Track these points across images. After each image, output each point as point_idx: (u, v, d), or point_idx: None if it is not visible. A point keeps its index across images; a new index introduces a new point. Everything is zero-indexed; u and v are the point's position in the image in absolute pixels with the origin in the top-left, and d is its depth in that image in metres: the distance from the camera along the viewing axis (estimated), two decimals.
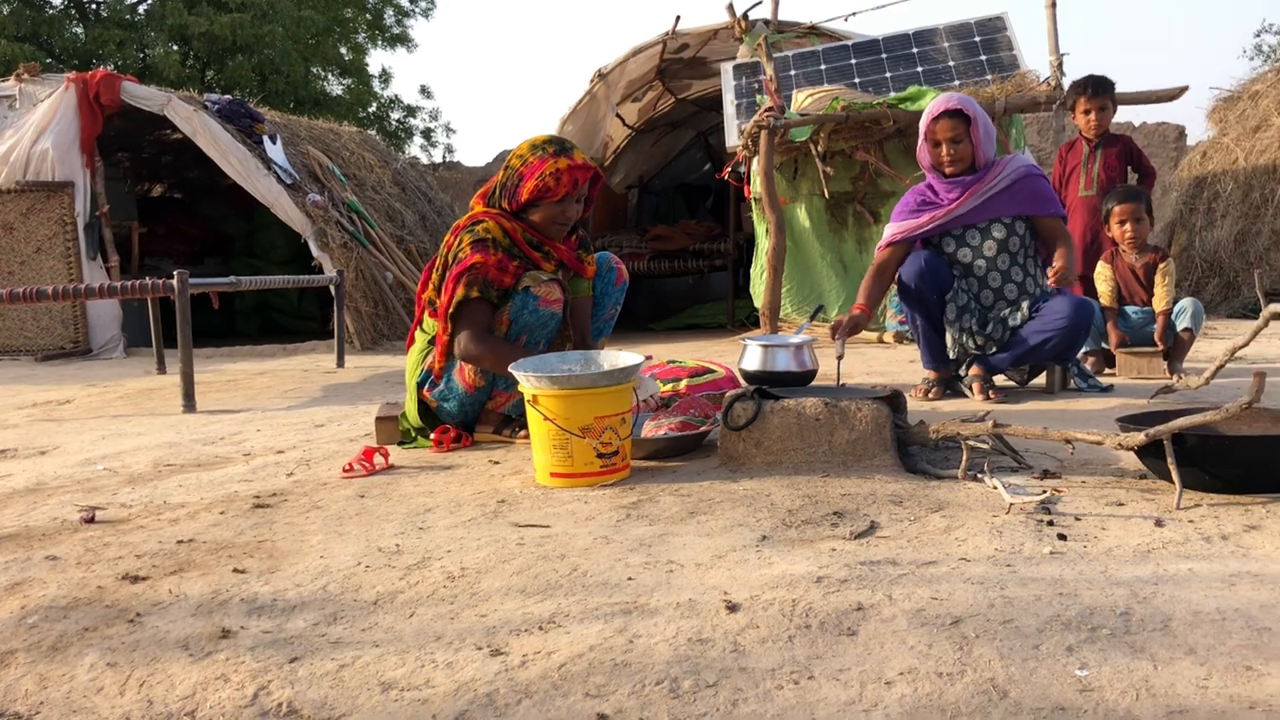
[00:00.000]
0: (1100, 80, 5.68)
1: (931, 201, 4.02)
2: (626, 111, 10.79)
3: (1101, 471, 2.57)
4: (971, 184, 3.93)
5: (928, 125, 3.97)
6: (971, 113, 3.90)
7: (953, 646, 1.43)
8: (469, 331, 3.12)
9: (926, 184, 4.08)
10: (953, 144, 3.90)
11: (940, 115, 3.92)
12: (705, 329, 9.84)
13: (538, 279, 3.16)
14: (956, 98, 3.95)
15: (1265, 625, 1.45)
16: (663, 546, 1.99)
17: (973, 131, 3.90)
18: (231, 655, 1.52)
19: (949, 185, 3.97)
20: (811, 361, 3.20)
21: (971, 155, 3.93)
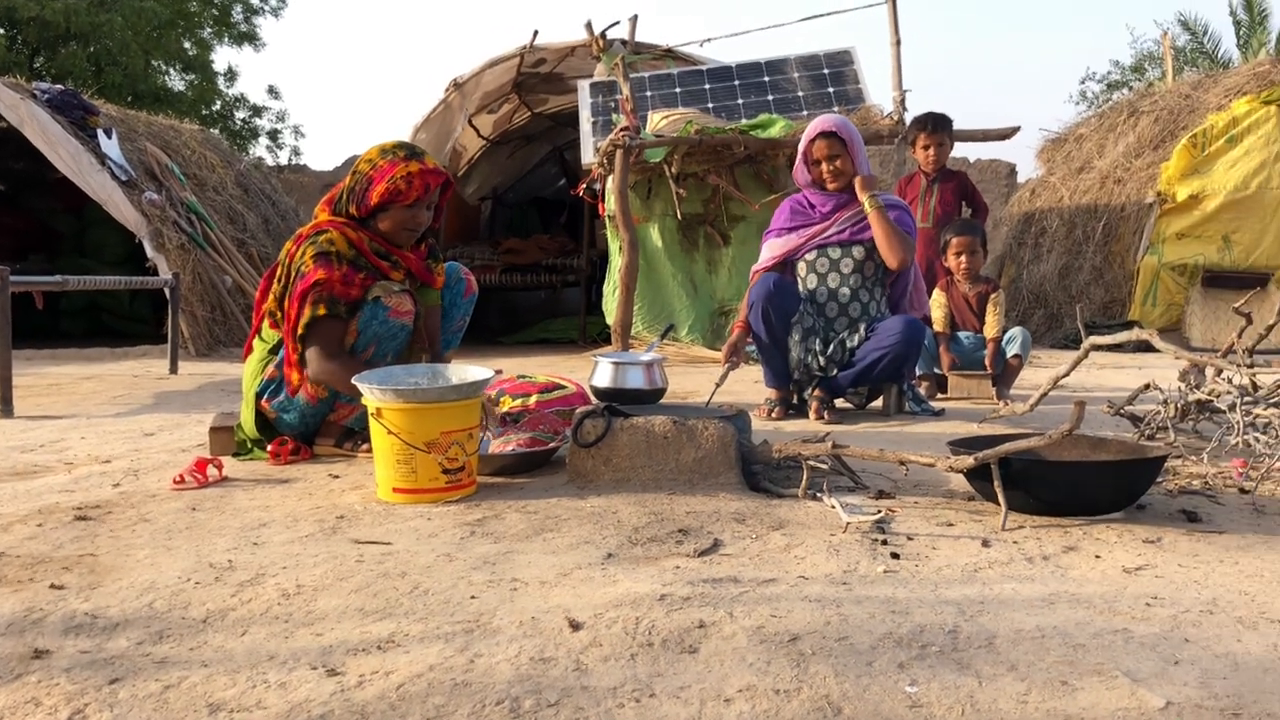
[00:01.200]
0: (939, 117, 5.93)
1: (805, 213, 4.24)
2: (481, 123, 10.72)
3: (933, 493, 2.67)
4: (848, 203, 4.15)
5: (806, 145, 4.18)
6: (847, 135, 4.11)
7: (790, 664, 1.46)
8: (320, 350, 3.03)
9: (804, 195, 4.28)
10: (831, 161, 4.11)
11: (818, 135, 4.13)
12: (557, 344, 9.84)
13: (388, 289, 3.10)
14: (834, 119, 4.17)
15: (1080, 642, 1.53)
16: (507, 564, 1.97)
17: (851, 149, 4.11)
18: (45, 677, 1.43)
19: (825, 198, 4.18)
20: (661, 380, 3.23)
21: (851, 173, 4.14)
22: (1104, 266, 9.16)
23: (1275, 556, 2.03)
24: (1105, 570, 1.94)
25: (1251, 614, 1.67)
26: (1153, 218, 8.58)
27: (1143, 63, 21.42)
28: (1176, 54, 17.32)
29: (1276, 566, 1.96)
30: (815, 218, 4.20)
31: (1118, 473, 2.44)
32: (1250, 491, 2.63)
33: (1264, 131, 8.49)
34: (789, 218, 4.27)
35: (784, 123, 7.13)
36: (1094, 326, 8.10)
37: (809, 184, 4.24)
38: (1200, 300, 8.37)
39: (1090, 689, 1.37)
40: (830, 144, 4.10)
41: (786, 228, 4.25)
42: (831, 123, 4.14)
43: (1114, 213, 9.19)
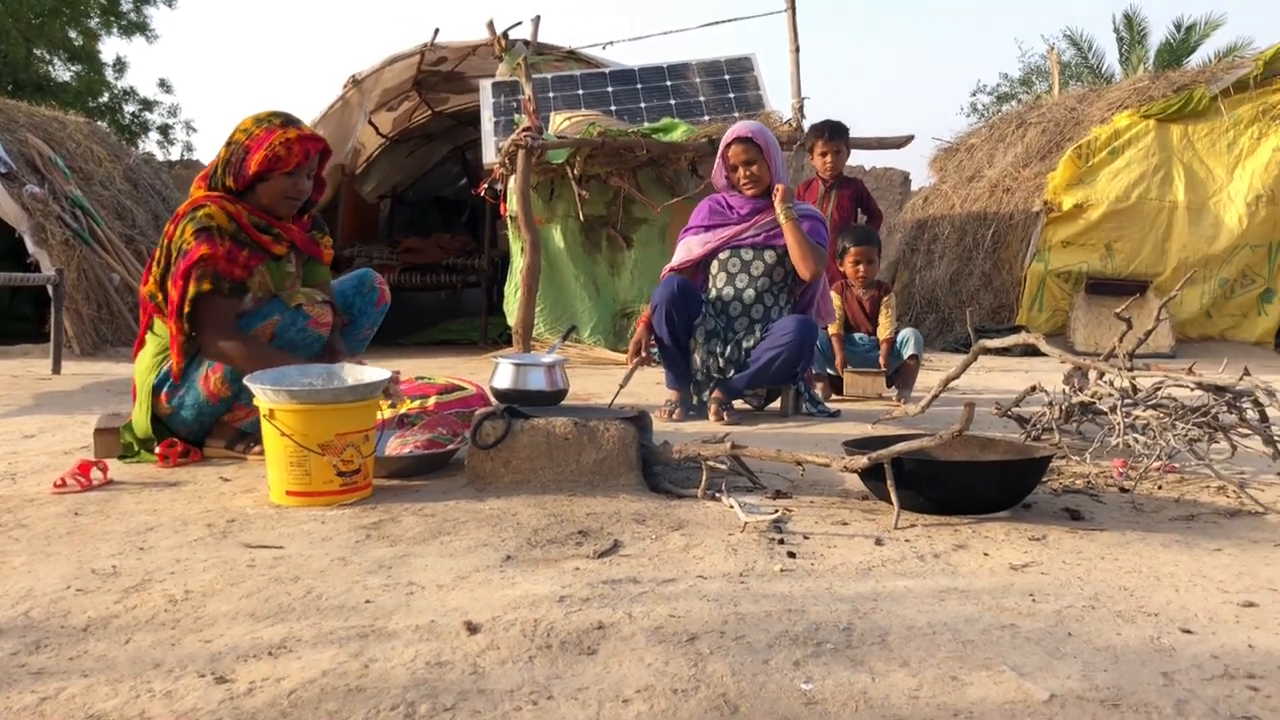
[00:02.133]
0: (836, 125, 6.04)
1: (723, 213, 4.31)
2: (381, 120, 10.57)
3: (828, 492, 2.71)
4: (765, 208, 4.23)
5: (723, 149, 4.27)
6: (763, 142, 4.19)
7: (688, 663, 1.47)
8: (214, 328, 2.95)
9: (724, 196, 4.35)
10: (747, 166, 4.19)
11: (734, 140, 4.22)
12: (457, 345, 9.74)
13: (312, 298, 3.04)
14: (752, 126, 4.27)
15: (969, 638, 1.58)
16: (403, 568, 1.95)
17: (767, 155, 4.19)
18: None
19: (743, 201, 4.27)
20: (563, 381, 3.23)
21: (768, 179, 4.22)
22: (993, 272, 9.43)
23: (1152, 553, 2.11)
24: (993, 567, 2.00)
25: (1130, 608, 1.73)
26: (1039, 226, 8.86)
27: (1031, 76, 22.16)
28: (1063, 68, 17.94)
29: (1153, 562, 2.04)
30: (733, 219, 4.28)
31: (1005, 472, 2.51)
32: (1130, 490, 2.73)
33: (1144, 144, 8.84)
34: (707, 216, 4.34)
35: (686, 127, 7.18)
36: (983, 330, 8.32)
37: (726, 187, 4.32)
38: (1084, 306, 8.67)
39: (979, 683, 1.41)
40: (746, 150, 4.18)
41: (704, 225, 4.32)
42: (749, 129, 4.23)
43: (1003, 220, 9.47)
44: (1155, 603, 1.77)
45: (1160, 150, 8.81)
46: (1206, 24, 18.21)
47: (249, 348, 2.93)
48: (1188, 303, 8.63)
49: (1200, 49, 18.15)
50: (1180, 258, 8.61)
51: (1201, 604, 1.76)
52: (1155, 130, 8.87)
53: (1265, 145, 8.69)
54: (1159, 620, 1.67)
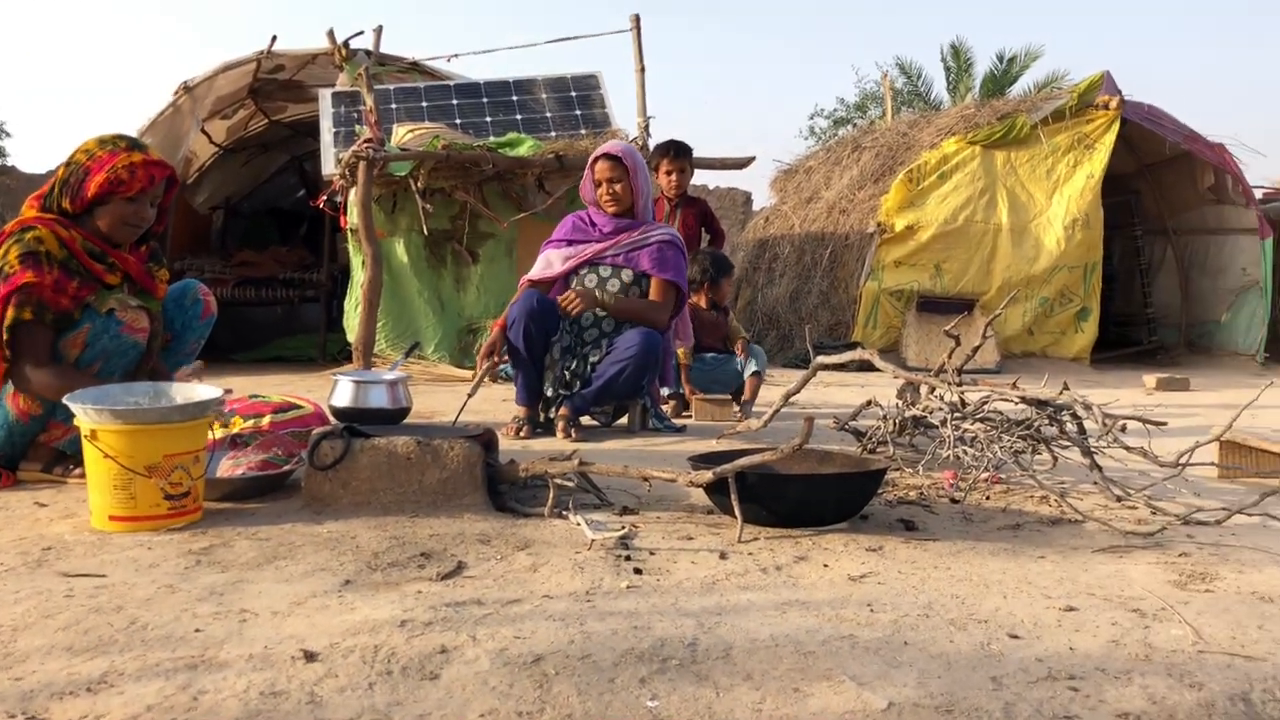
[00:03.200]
0: (680, 145, 6.11)
1: (585, 230, 4.32)
2: (214, 129, 10.19)
3: (675, 507, 2.74)
4: (628, 228, 4.24)
5: (591, 163, 4.28)
6: (631, 164, 4.21)
7: (533, 685, 1.45)
8: (30, 359, 2.78)
9: (588, 212, 4.36)
10: (611, 184, 4.20)
11: (602, 156, 4.24)
12: (294, 362, 9.43)
13: (125, 303, 2.88)
14: (621, 145, 4.30)
15: (810, 649, 1.61)
16: (236, 594, 1.87)
17: (632, 179, 4.21)
18: None
19: (607, 219, 4.27)
20: (405, 399, 3.17)
21: (630, 201, 4.24)
22: (830, 291, 9.71)
23: (982, 561, 2.20)
24: (833, 578, 2.04)
25: (962, 616, 1.80)
26: (874, 246, 9.18)
27: (866, 101, 22.96)
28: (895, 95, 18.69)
29: (983, 570, 2.12)
30: (594, 236, 4.28)
31: (843, 485, 2.58)
32: (960, 501, 2.84)
33: (970, 169, 9.27)
34: (570, 231, 4.34)
35: (532, 142, 7.16)
36: (821, 347, 8.54)
37: (593, 202, 4.32)
38: (915, 323, 9.01)
39: (820, 694, 1.43)
40: (613, 168, 4.20)
41: (567, 240, 4.32)
42: (619, 148, 4.26)
43: (839, 241, 9.77)
44: (985, 610, 1.84)
45: (985, 175, 9.25)
46: (1027, 55, 19.30)
47: (65, 381, 2.75)
48: (1011, 321, 9.07)
49: (1021, 79, 19.25)
50: (1004, 278, 9.04)
51: (1027, 610, 1.85)
52: (981, 156, 9.31)
53: (1080, 172, 9.22)
54: (988, 627, 1.74)
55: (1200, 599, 1.94)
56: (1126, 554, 2.29)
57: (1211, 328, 10.19)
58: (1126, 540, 2.41)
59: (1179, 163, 10.07)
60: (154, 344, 3.03)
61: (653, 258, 4.22)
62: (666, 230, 4.33)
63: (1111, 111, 9.27)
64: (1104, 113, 9.30)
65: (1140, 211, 10.74)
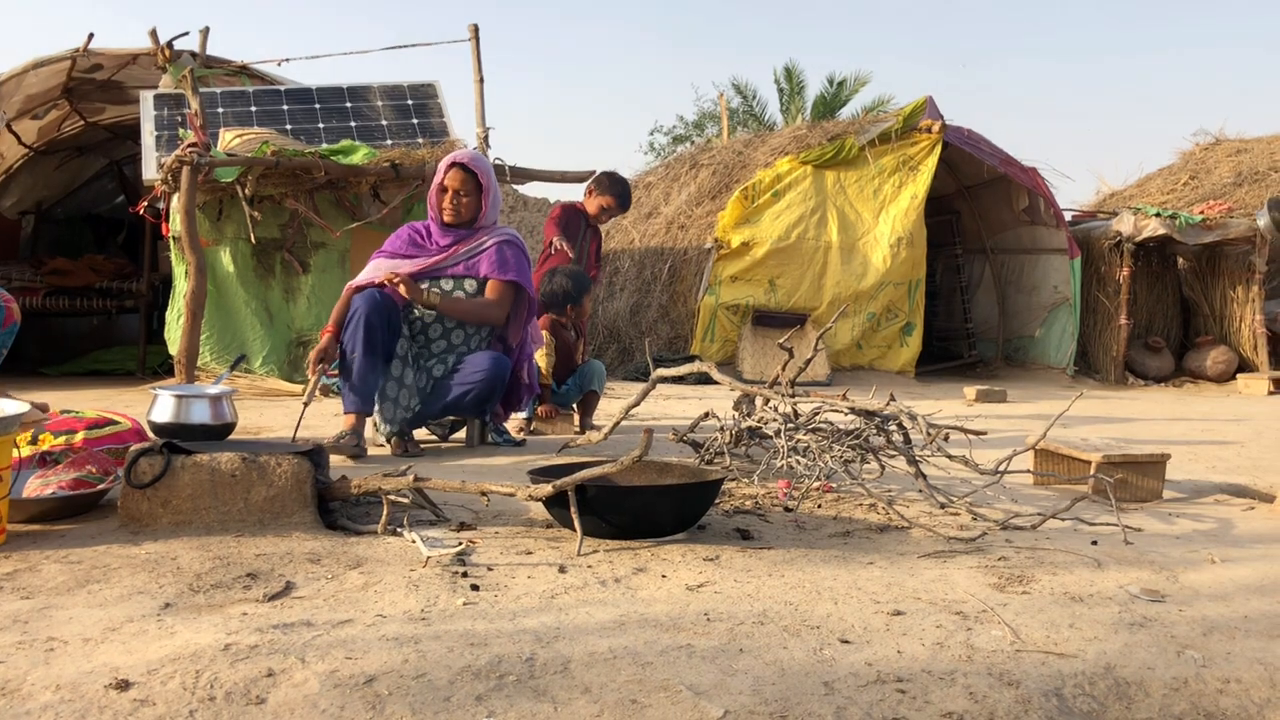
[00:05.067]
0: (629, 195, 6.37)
1: (421, 245, 4.16)
2: (23, 129, 9.60)
3: (513, 522, 2.71)
4: (465, 238, 4.12)
5: (444, 167, 4.11)
6: (486, 182, 4.09)
7: (365, 706, 1.40)
8: None
9: (425, 224, 4.21)
10: (459, 196, 4.07)
11: (458, 165, 4.09)
12: (111, 375, 8.96)
13: None
14: (476, 157, 4.18)
15: (648, 660, 1.61)
16: (43, 622, 1.75)
17: (484, 196, 4.10)
18: None
19: (444, 233, 4.12)
20: (231, 414, 3.04)
21: (474, 213, 4.12)
22: (670, 305, 9.84)
23: (814, 569, 2.25)
24: (671, 589, 2.05)
25: (795, 623, 1.84)
26: (711, 261, 9.34)
27: (704, 120, 23.41)
28: (732, 114, 19.11)
29: (815, 577, 2.17)
30: (431, 249, 4.13)
31: (681, 496, 2.61)
32: (793, 509, 2.91)
33: (802, 188, 9.54)
34: (404, 246, 4.15)
35: (366, 150, 7.01)
36: (661, 360, 8.66)
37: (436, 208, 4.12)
38: (751, 337, 9.21)
39: (658, 705, 1.44)
40: (465, 180, 4.06)
41: (400, 253, 4.13)
42: (474, 161, 4.12)
43: (678, 256, 9.91)
44: (817, 616, 1.88)
45: (817, 194, 9.54)
46: (856, 80, 20.06)
47: None
48: (841, 334, 9.38)
49: (851, 102, 20.00)
50: (834, 293, 9.34)
51: (857, 615, 1.90)
52: (812, 175, 9.60)
53: (905, 193, 9.62)
54: (820, 632, 1.78)
55: (1018, 600, 2.03)
56: (950, 558, 2.38)
57: (1026, 342, 10.76)
58: (950, 545, 2.51)
59: (996, 185, 10.61)
60: None
61: (491, 261, 4.12)
62: (504, 231, 4.23)
63: (934, 135, 9.70)
64: (927, 136, 9.73)
65: (961, 231, 11.29)
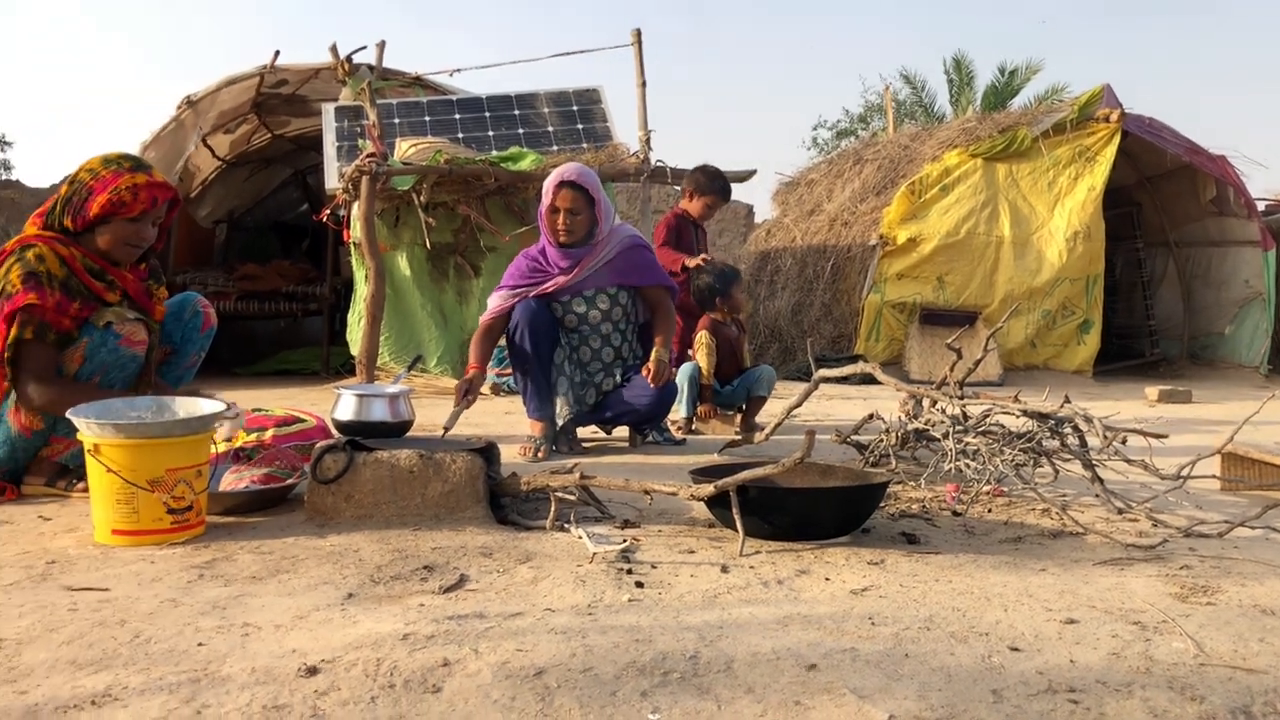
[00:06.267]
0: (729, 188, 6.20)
1: (542, 270, 4.09)
2: (217, 143, 10.22)
3: (676, 520, 2.74)
4: (583, 256, 4.04)
5: (552, 188, 4.00)
6: (596, 195, 3.99)
7: (535, 698, 1.45)
8: (33, 377, 2.79)
9: (540, 249, 4.13)
10: (570, 214, 3.97)
11: (565, 184, 3.97)
12: (297, 376, 9.45)
13: (122, 316, 2.89)
14: (582, 171, 4.04)
15: (811, 662, 1.61)
16: (239, 608, 1.87)
17: (596, 210, 4.01)
18: None
19: (562, 254, 4.04)
20: (408, 412, 3.16)
21: (587, 229, 4.03)
22: (832, 303, 9.72)
23: (983, 574, 2.20)
24: (834, 592, 2.04)
25: (963, 629, 1.80)
26: (876, 259, 9.19)
27: (869, 113, 23.04)
28: (898, 106, 18.73)
29: (984, 583, 2.12)
30: (553, 271, 4.07)
31: (845, 498, 2.59)
32: (962, 514, 2.85)
33: (972, 182, 9.28)
34: (524, 275, 4.11)
35: (534, 156, 7.18)
36: (823, 360, 8.57)
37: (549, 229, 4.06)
38: (918, 336, 9.02)
39: (821, 707, 1.44)
40: (574, 196, 3.96)
41: (522, 284, 4.09)
42: (581, 176, 4.01)
43: (841, 253, 9.79)
44: (986, 622, 1.84)
45: (987, 187, 9.27)
46: (1027, 69, 19.37)
47: (67, 395, 2.74)
48: (1013, 333, 9.07)
49: (1022, 92, 19.30)
50: (1006, 290, 9.05)
51: (1028, 622, 1.85)
52: (983, 168, 9.33)
53: (1081, 184, 9.24)
54: (989, 639, 1.74)
55: (1202, 612, 1.94)
56: (1128, 566, 2.29)
57: (1214, 340, 10.19)
58: (1128, 553, 2.42)
59: (1180, 175, 10.08)
60: (151, 356, 3.04)
61: (633, 267, 4.11)
62: (624, 236, 4.14)
63: (1112, 124, 9.29)
64: (1105, 125, 9.32)
65: (1142, 224, 10.76)
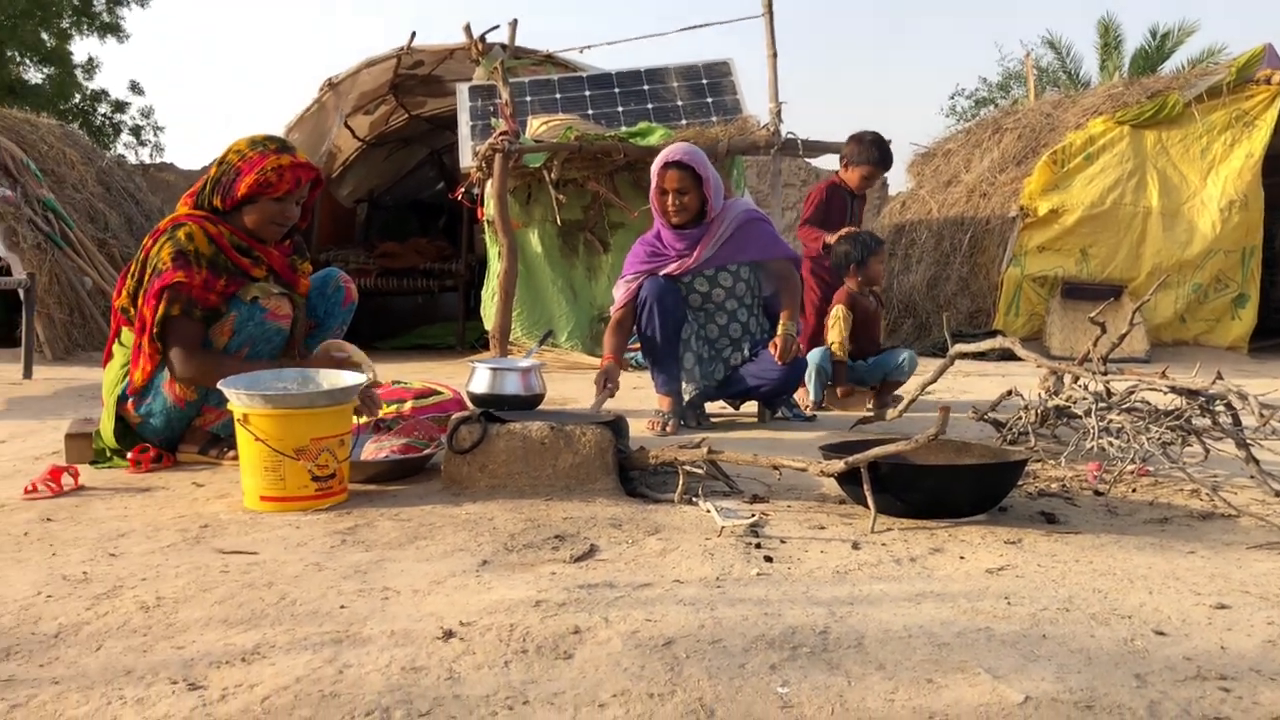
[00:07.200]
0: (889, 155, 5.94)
1: (661, 254, 4.09)
2: (357, 124, 10.53)
3: (806, 496, 2.72)
4: (699, 237, 4.01)
5: (659, 170, 4.00)
6: (703, 172, 3.96)
7: (664, 667, 1.46)
8: (182, 350, 2.93)
9: (655, 234, 4.14)
10: (679, 194, 3.96)
11: (670, 165, 3.96)
12: (433, 350, 9.71)
13: (268, 291, 3.02)
14: (691, 152, 4.00)
15: (944, 641, 1.58)
16: (379, 573, 1.94)
17: (704, 187, 3.97)
18: None
19: (677, 236, 4.04)
20: (539, 385, 3.22)
21: (699, 208, 4.00)
22: (970, 277, 9.47)
23: (1126, 555, 2.12)
24: (969, 570, 2.00)
25: (1104, 611, 1.74)
26: (1015, 231, 8.91)
27: (1009, 81, 22.28)
28: (1040, 73, 18.08)
29: (1127, 565, 2.05)
30: (671, 255, 4.06)
31: (981, 476, 2.52)
32: (1104, 493, 2.75)
33: (1118, 150, 8.90)
34: (645, 259, 4.11)
35: (663, 131, 7.19)
36: (960, 335, 8.37)
37: (660, 212, 4.06)
38: (1059, 310, 8.72)
39: (954, 686, 1.41)
40: (681, 177, 3.94)
41: (644, 271, 4.10)
42: (687, 154, 3.97)
43: (979, 225, 9.52)
44: (1129, 605, 1.78)
45: (1135, 156, 8.87)
46: (1181, 30, 18.40)
47: (216, 367, 2.88)
48: (1162, 307, 8.69)
49: (1174, 55, 18.35)
50: (1154, 263, 8.67)
51: (1175, 606, 1.77)
52: (1130, 136, 8.93)
53: (1238, 151, 8.76)
54: (1132, 622, 1.68)
55: None
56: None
57: None
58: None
59: None
60: (297, 330, 3.16)
61: (752, 241, 4.06)
62: (741, 212, 4.07)
63: (1274, 86, 8.76)
64: (1265, 88, 8.80)
65: None
